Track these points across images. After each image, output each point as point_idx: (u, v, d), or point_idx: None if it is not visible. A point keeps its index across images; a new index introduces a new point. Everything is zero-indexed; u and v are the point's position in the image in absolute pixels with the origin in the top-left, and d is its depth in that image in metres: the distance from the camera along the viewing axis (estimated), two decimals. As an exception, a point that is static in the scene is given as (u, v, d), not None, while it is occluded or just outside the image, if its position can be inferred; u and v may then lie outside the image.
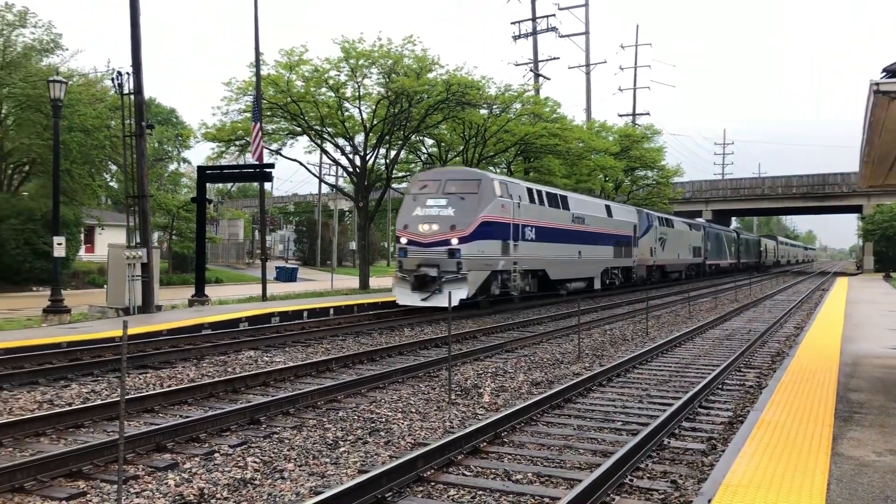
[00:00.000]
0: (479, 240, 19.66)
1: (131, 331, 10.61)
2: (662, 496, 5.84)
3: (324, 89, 28.39)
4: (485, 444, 7.23)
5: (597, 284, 29.12)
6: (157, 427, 7.34)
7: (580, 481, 5.84)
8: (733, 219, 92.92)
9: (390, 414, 8.59)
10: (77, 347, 12.34)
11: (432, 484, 6.11)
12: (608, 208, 31.06)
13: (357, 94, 28.77)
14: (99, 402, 8.83)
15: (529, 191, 23.50)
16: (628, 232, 32.44)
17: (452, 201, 19.81)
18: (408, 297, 19.51)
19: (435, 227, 19.63)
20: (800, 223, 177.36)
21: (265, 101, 26.61)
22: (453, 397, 9.58)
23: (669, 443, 7.44)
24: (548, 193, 25.21)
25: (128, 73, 19.70)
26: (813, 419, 7.04)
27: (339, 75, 28.11)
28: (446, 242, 19.37)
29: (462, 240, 19.33)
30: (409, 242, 19.84)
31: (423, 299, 19.20)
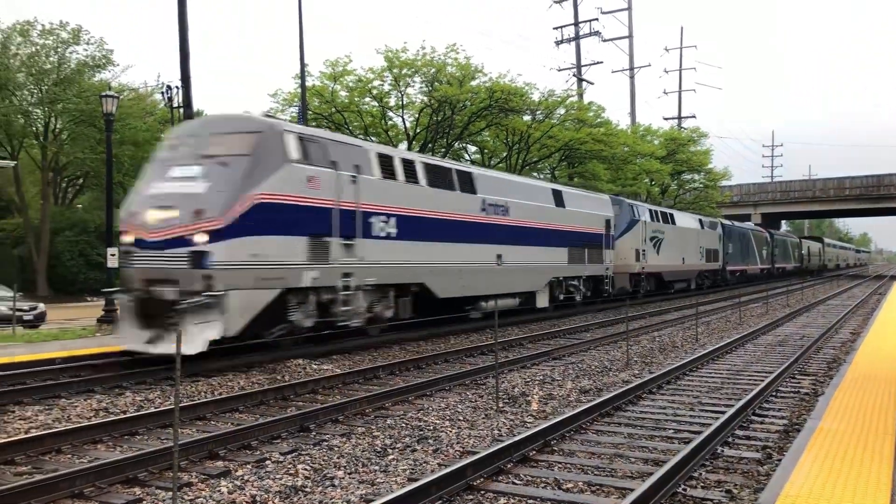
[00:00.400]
0: (252, 235, 11.82)
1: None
2: (717, 506, 5.72)
3: (367, 98, 28.67)
4: (534, 452, 7.18)
5: (541, 302, 21.41)
6: (209, 435, 7.44)
7: (632, 490, 5.76)
8: (783, 222, 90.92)
9: (438, 422, 8.59)
10: (129, 357, 12.59)
11: (482, 492, 6.08)
12: (557, 195, 22.65)
13: (400, 102, 28.97)
14: (153, 409, 9.00)
15: (385, 160, 15.16)
16: (596, 229, 24.64)
17: (207, 170, 11.94)
18: (133, 337, 11.81)
19: (172, 213, 11.65)
20: (853, 226, 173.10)
21: (310, 112, 26.95)
22: (501, 405, 9.53)
23: (723, 451, 7.30)
24: (429, 166, 16.72)
25: (177, 87, 20.16)
26: (874, 428, 6.83)
27: (382, 84, 28.36)
28: (185, 241, 11.48)
29: (215, 235, 11.40)
30: (136, 242, 12.00)
31: (148, 341, 11.52)
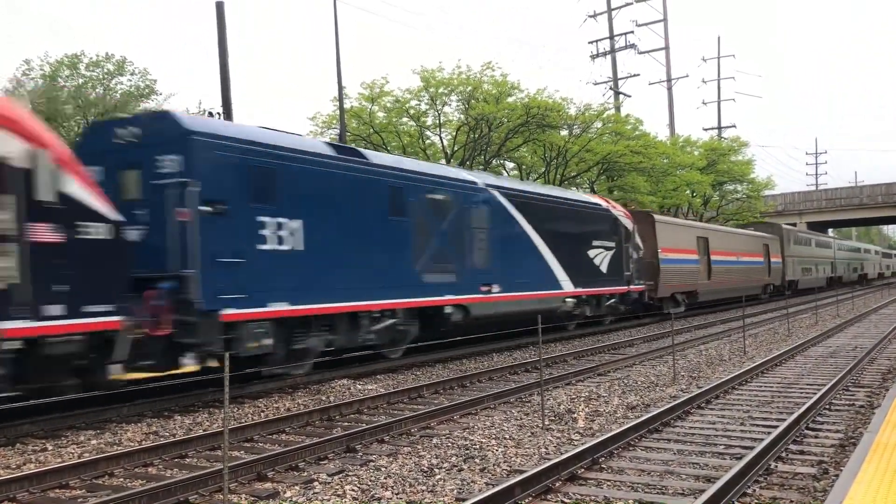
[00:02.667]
0: None
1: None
2: (773, 524, 5.58)
3: (405, 119, 28.91)
4: (582, 470, 7.09)
5: None
6: (258, 456, 7.50)
7: (685, 508, 5.65)
8: (829, 230, 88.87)
9: (484, 440, 8.54)
10: (178, 381, 12.79)
11: (531, 512, 6.02)
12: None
13: (437, 121, 29.17)
14: (201, 432, 9.11)
15: None
16: None
17: None
18: None
19: None
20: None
21: (349, 134, 27.25)
22: (547, 423, 9.45)
23: (777, 467, 7.13)
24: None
25: (219, 113, 20.51)
26: (934, 440, 6.61)
27: (419, 104, 28.57)
28: None
29: None
30: None
31: None
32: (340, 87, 25.73)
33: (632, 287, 23.77)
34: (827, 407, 9.95)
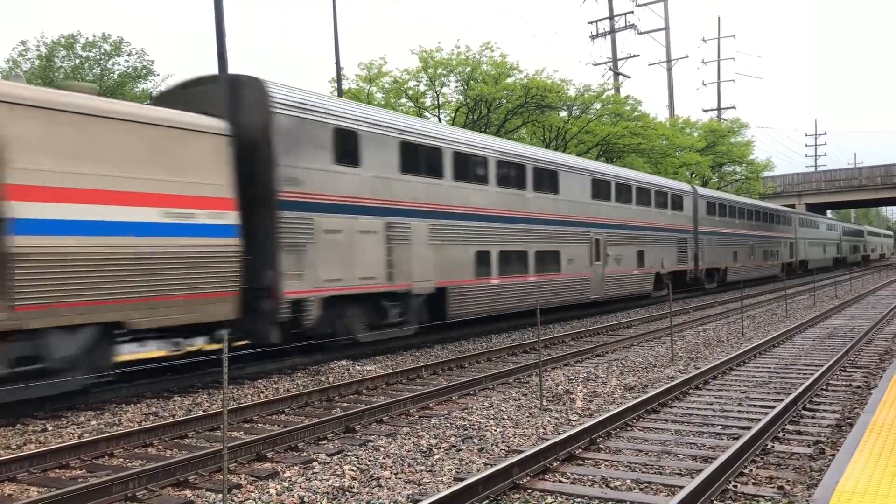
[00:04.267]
0: None
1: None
2: (770, 502, 5.62)
3: (403, 100, 28.75)
4: (580, 450, 7.13)
5: None
6: (257, 437, 7.53)
7: (682, 487, 5.69)
8: (828, 212, 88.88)
9: (482, 421, 8.57)
10: (177, 361, 12.80)
11: (529, 491, 6.06)
12: None
13: (436, 102, 29.01)
14: (201, 413, 9.14)
15: None
16: None
17: None
18: None
19: None
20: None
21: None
22: (545, 403, 9.48)
23: (774, 447, 7.17)
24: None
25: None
26: (930, 421, 6.64)
27: (417, 85, 28.41)
28: None
29: None
30: None
31: None
32: (339, 68, 25.59)
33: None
34: (824, 388, 9.99)
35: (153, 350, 11.33)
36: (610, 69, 42.51)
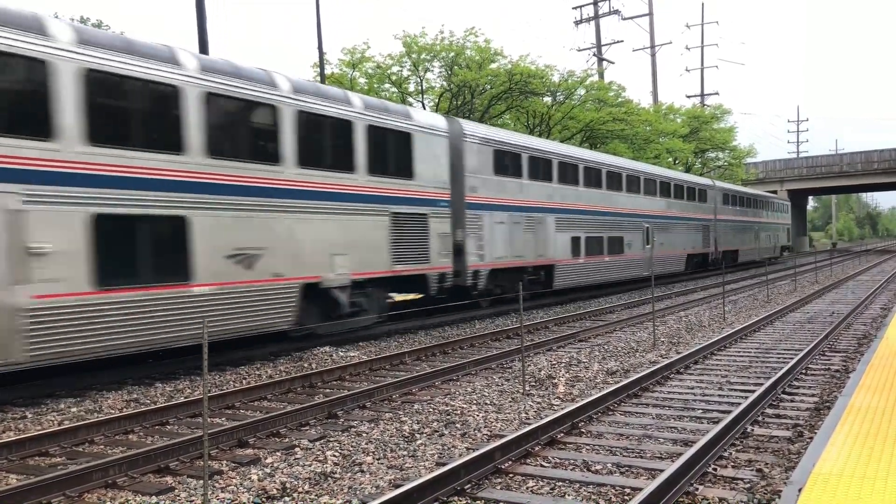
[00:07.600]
0: None
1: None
2: (749, 485, 5.68)
3: (387, 85, 28.61)
4: (562, 434, 7.16)
5: None
6: (239, 423, 7.51)
7: (662, 471, 5.73)
8: (810, 198, 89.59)
9: (465, 406, 8.59)
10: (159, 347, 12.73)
11: (510, 475, 6.09)
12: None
13: (420, 88, 28.89)
14: (182, 399, 9.10)
15: None
16: None
17: None
18: None
19: None
20: (882, 200, 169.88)
21: (330, 100, 26.95)
22: (527, 388, 9.52)
23: (753, 430, 7.24)
24: None
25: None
26: (906, 404, 6.72)
27: (401, 70, 28.28)
28: None
29: None
30: None
31: None
32: (321, 53, 25.39)
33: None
34: (803, 372, 10.09)
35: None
36: (594, 55, 42.50)
